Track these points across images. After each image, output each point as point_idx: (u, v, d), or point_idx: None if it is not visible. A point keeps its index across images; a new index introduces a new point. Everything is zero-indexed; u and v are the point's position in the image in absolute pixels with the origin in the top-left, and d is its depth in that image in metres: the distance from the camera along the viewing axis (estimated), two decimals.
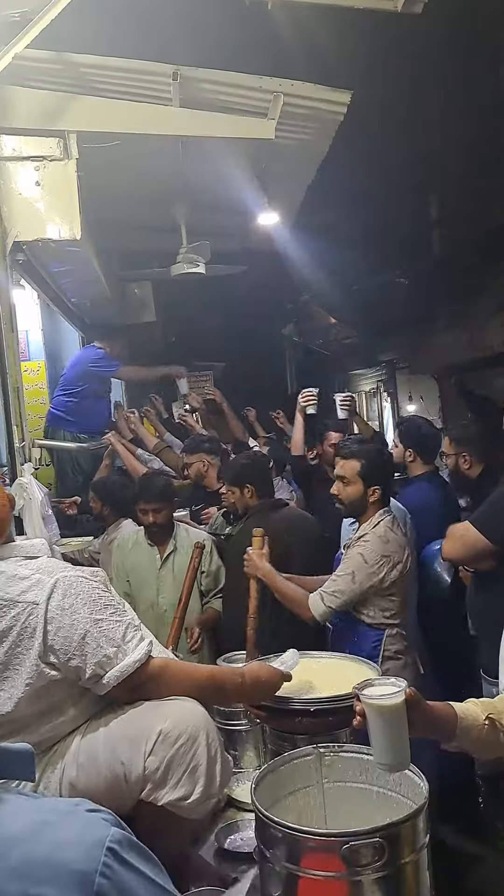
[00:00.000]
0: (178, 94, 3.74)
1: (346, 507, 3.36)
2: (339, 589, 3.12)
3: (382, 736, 1.60)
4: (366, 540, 3.19)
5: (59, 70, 3.62)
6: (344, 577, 3.13)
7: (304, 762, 1.95)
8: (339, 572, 3.17)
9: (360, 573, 3.11)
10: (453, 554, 3.14)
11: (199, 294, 7.67)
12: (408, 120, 5.24)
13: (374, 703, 1.59)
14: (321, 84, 3.96)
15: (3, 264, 3.61)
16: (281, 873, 1.65)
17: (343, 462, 3.32)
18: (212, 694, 2.14)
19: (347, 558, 3.20)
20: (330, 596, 3.12)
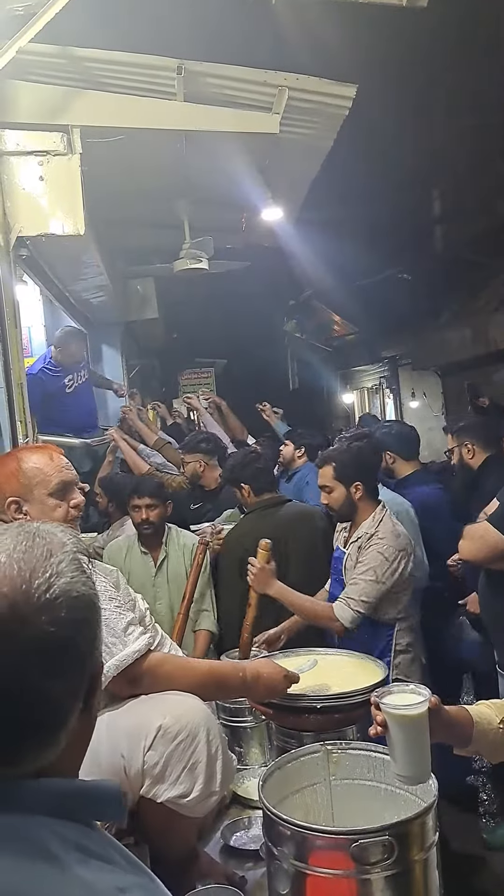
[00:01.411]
0: (183, 88, 3.72)
1: (338, 512, 3.37)
2: (365, 591, 3.09)
3: (404, 748, 1.53)
4: (380, 538, 3.17)
5: (63, 64, 3.59)
6: (367, 579, 3.10)
7: (311, 759, 1.95)
8: (360, 575, 3.13)
9: (382, 572, 3.10)
10: (472, 554, 3.12)
11: (202, 290, 7.67)
12: (411, 115, 5.21)
13: (398, 713, 1.51)
14: (326, 78, 3.94)
15: (7, 260, 3.59)
16: (289, 871, 1.64)
17: (320, 472, 3.37)
18: (212, 689, 2.11)
19: (365, 560, 3.15)
20: (357, 601, 3.08)
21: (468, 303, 8.92)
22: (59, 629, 0.85)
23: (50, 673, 0.84)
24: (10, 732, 0.83)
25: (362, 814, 1.85)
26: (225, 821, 2.35)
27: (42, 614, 0.84)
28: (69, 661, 0.87)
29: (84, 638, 0.89)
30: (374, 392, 13.91)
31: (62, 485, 2.14)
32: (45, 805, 0.84)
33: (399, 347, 11.71)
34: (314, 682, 2.34)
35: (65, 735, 0.87)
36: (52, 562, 0.89)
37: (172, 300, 7.46)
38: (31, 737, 0.85)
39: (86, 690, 0.90)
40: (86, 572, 0.92)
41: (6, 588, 0.85)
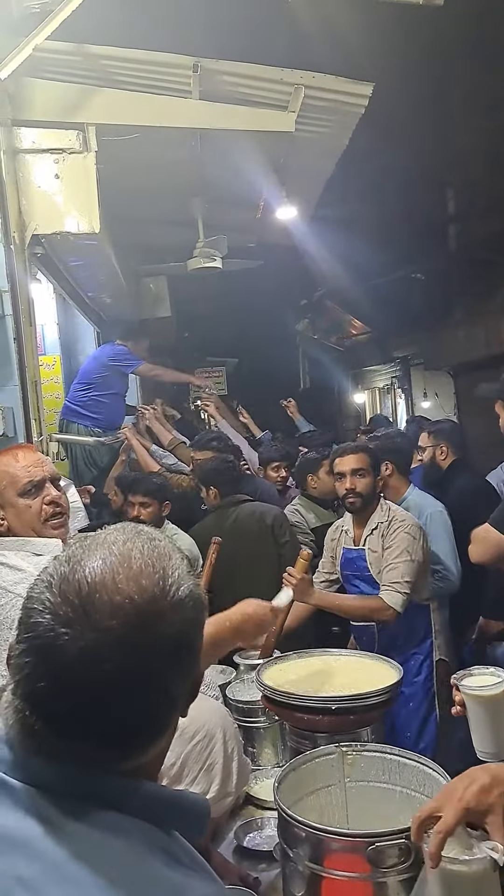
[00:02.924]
0: (198, 86, 3.72)
1: (362, 499, 3.46)
2: (405, 572, 3.23)
3: (483, 726, 1.63)
4: (401, 521, 3.38)
5: (79, 62, 3.60)
6: (404, 561, 3.25)
7: (326, 761, 1.93)
8: (395, 559, 3.26)
9: (414, 551, 3.28)
10: (478, 557, 3.12)
11: (214, 289, 7.66)
12: (427, 114, 5.20)
13: (476, 693, 1.62)
14: (342, 76, 3.93)
15: (22, 258, 3.59)
16: (304, 873, 1.63)
17: (355, 457, 3.48)
18: (209, 649, 2.05)
19: (394, 544, 3.31)
20: (402, 584, 3.21)
21: (482, 303, 8.85)
22: (187, 629, 0.87)
23: (175, 671, 0.86)
24: (134, 726, 0.84)
25: (377, 816, 1.83)
26: (238, 821, 2.34)
27: (176, 612, 0.86)
28: (190, 661, 0.88)
29: (200, 640, 0.91)
30: (385, 392, 13.85)
31: (30, 484, 2.12)
32: (140, 807, 0.85)
33: (411, 347, 11.64)
34: (329, 682, 2.33)
35: (168, 736, 0.89)
36: (174, 563, 0.90)
37: (185, 299, 7.45)
38: (147, 733, 0.86)
39: (188, 693, 0.90)
40: (194, 575, 0.93)
41: (146, 582, 0.85)
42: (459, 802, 1.33)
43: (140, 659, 0.82)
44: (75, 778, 0.84)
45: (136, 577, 0.85)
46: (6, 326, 3.51)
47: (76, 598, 0.82)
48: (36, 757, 0.84)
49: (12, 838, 0.80)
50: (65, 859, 0.77)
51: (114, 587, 0.84)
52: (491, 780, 1.38)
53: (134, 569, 0.86)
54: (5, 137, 3.50)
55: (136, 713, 0.83)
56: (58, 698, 0.81)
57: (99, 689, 0.81)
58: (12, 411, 3.53)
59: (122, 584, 0.84)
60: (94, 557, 0.87)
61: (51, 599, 0.83)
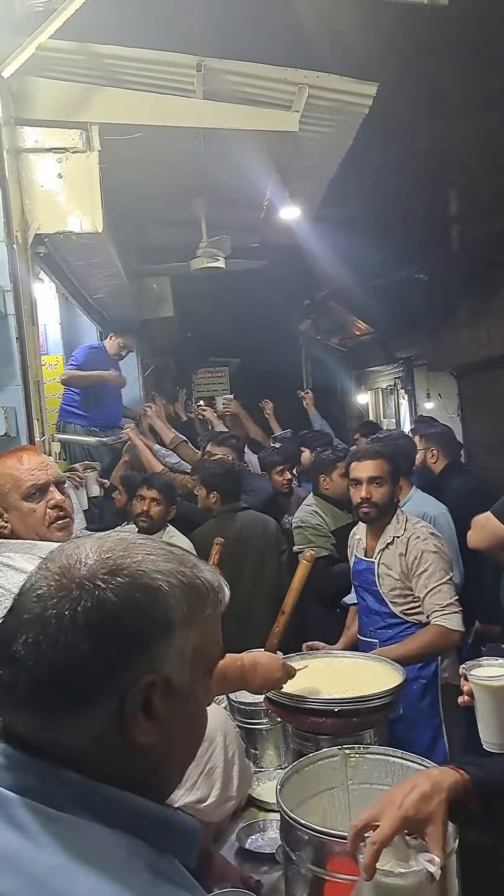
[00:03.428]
0: (202, 85, 3.71)
1: (378, 509, 3.24)
2: (451, 591, 3.09)
3: (491, 716, 1.64)
4: (423, 539, 3.16)
5: (82, 61, 3.59)
6: (444, 580, 3.09)
7: (329, 763, 1.93)
8: (436, 583, 3.08)
9: (446, 566, 3.13)
10: (476, 543, 3.13)
11: (217, 289, 7.65)
12: (431, 113, 5.18)
13: (483, 684, 1.63)
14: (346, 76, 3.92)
15: (25, 257, 3.59)
16: (306, 876, 1.63)
17: (372, 464, 3.26)
18: (217, 681, 2.07)
19: (426, 567, 3.11)
20: (453, 604, 3.06)
21: (485, 303, 8.83)
22: (118, 611, 0.85)
23: (92, 647, 0.83)
24: (41, 683, 0.83)
25: None
26: (240, 823, 2.33)
27: (110, 589, 0.86)
28: (117, 645, 0.85)
29: (144, 635, 0.87)
30: (388, 393, 13.83)
31: (34, 487, 2.11)
32: (126, 821, 0.83)
33: (414, 348, 11.63)
34: (332, 684, 2.32)
35: (93, 723, 0.84)
36: (148, 556, 0.92)
37: (188, 299, 7.44)
38: (50, 699, 0.84)
39: (120, 695, 0.85)
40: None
41: (95, 558, 0.89)
42: (398, 811, 1.30)
43: (57, 612, 0.84)
44: (52, 783, 0.83)
45: (96, 553, 0.90)
46: (9, 326, 3.49)
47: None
48: (16, 758, 0.84)
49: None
50: (45, 873, 0.75)
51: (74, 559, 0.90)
52: (431, 786, 1.34)
53: (102, 548, 0.91)
54: (8, 136, 3.49)
55: (43, 668, 0.83)
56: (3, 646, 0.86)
57: (25, 637, 0.85)
58: (14, 411, 3.52)
59: (80, 556, 0.90)
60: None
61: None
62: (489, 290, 8.58)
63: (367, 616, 3.31)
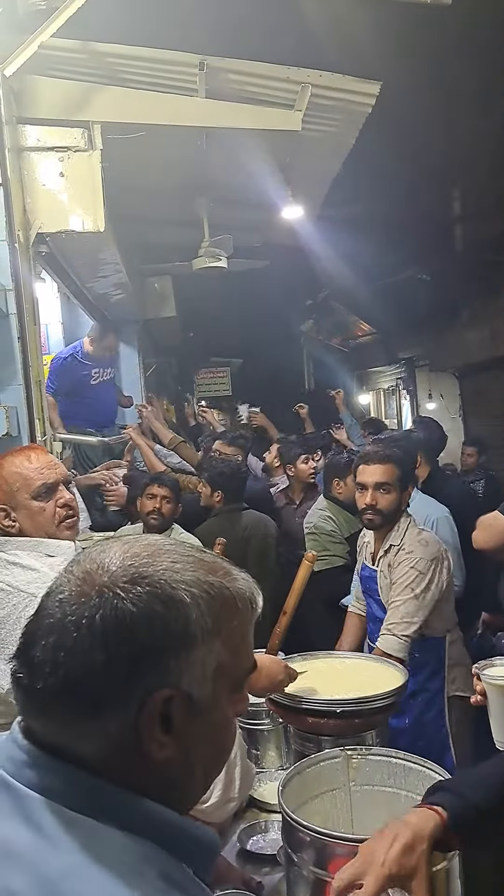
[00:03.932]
0: (205, 84, 3.70)
1: (384, 516, 3.07)
2: (408, 613, 2.87)
3: (503, 715, 1.64)
4: (408, 552, 2.99)
5: (84, 60, 3.59)
6: (405, 598, 2.89)
7: (331, 764, 1.92)
8: (397, 596, 2.92)
9: (421, 587, 2.91)
10: (483, 543, 3.09)
11: (219, 289, 7.64)
12: (433, 113, 5.17)
13: (496, 683, 1.63)
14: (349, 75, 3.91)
15: (27, 256, 3.58)
16: (308, 878, 1.61)
17: (380, 468, 3.06)
18: None
19: (399, 579, 2.95)
20: (402, 625, 2.85)
21: (487, 304, 8.84)
22: (137, 619, 0.83)
23: (109, 654, 0.82)
24: (58, 685, 0.83)
25: (382, 821, 1.80)
26: (241, 825, 2.32)
27: (130, 596, 0.84)
28: (132, 655, 0.83)
29: (160, 647, 0.84)
30: (390, 393, 13.84)
31: (44, 486, 2.10)
32: (144, 827, 0.82)
33: (416, 349, 11.65)
34: (334, 685, 2.31)
35: (108, 734, 0.83)
36: (173, 565, 0.89)
37: (190, 298, 7.44)
38: (67, 700, 0.83)
39: (136, 707, 0.83)
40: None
41: (118, 564, 0.88)
42: (381, 868, 1.27)
43: (75, 619, 0.83)
44: (72, 784, 0.82)
45: (120, 559, 0.88)
46: (10, 325, 3.49)
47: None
48: (39, 758, 0.84)
49: (7, 848, 0.78)
50: (57, 875, 0.75)
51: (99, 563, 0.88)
52: (413, 837, 1.32)
53: (127, 554, 0.89)
54: (10, 135, 3.48)
55: (61, 667, 0.82)
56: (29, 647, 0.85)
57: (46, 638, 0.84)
58: (16, 410, 3.51)
59: (104, 561, 0.88)
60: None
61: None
62: (492, 291, 8.59)
63: (373, 623, 3.18)
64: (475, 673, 1.68)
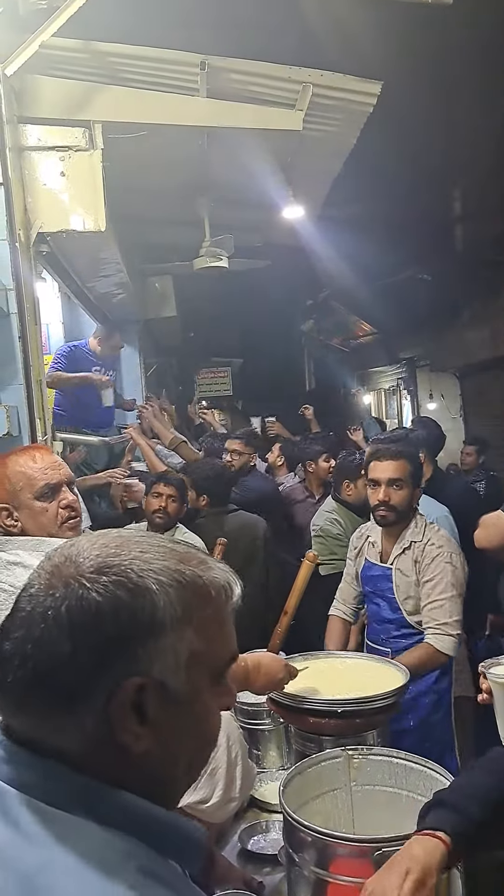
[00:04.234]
0: (206, 84, 3.70)
1: (396, 513, 3.05)
2: (453, 610, 2.91)
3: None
4: (438, 547, 3.00)
5: (86, 59, 3.58)
6: (449, 595, 2.92)
7: (332, 764, 1.92)
8: (440, 596, 2.93)
9: (458, 582, 2.95)
10: (485, 542, 3.08)
11: (219, 289, 7.65)
12: (434, 113, 5.17)
13: (502, 682, 1.63)
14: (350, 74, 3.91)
15: (27, 256, 3.58)
16: (309, 878, 1.62)
17: (394, 464, 3.05)
18: None
19: (436, 577, 2.95)
20: (452, 624, 2.90)
21: (488, 304, 8.84)
22: (102, 608, 0.83)
23: (74, 643, 0.82)
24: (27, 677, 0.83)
25: (382, 821, 1.82)
26: (242, 825, 2.32)
27: (94, 586, 0.84)
28: (98, 646, 0.83)
29: (121, 626, 0.84)
30: (391, 393, 13.84)
31: (47, 487, 2.10)
32: (125, 822, 0.82)
33: (417, 349, 11.65)
34: (335, 685, 2.31)
35: (83, 726, 0.83)
36: (142, 555, 0.89)
37: (190, 298, 7.44)
38: (37, 693, 0.83)
39: (108, 693, 0.83)
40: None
41: (89, 554, 0.88)
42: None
43: (42, 611, 0.83)
44: (50, 779, 0.82)
45: (88, 551, 0.88)
46: (11, 325, 3.49)
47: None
48: (16, 754, 0.84)
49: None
50: (32, 870, 0.74)
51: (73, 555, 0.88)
52: (423, 872, 1.35)
53: (95, 546, 0.89)
54: (11, 134, 3.48)
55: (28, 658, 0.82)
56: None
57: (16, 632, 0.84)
58: (17, 410, 3.51)
59: (72, 554, 0.88)
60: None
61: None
62: (493, 291, 8.59)
63: (380, 624, 3.14)
64: (481, 671, 1.68)
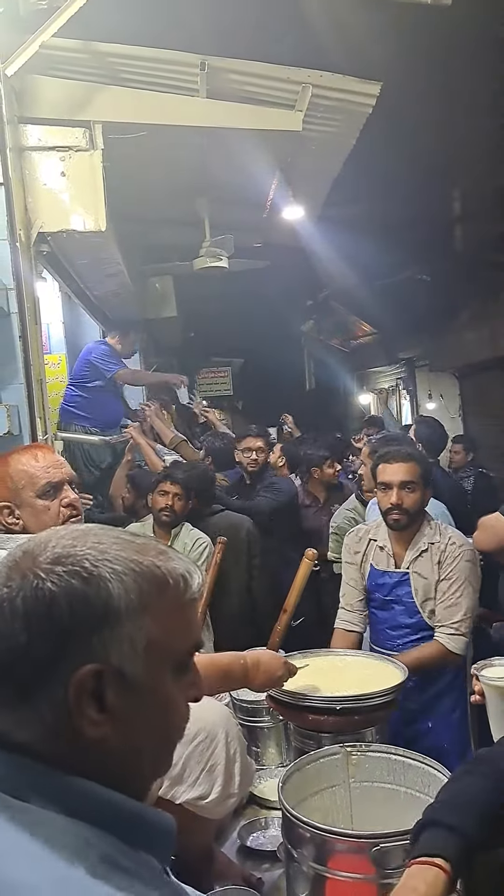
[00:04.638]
0: (206, 84, 3.71)
1: (408, 517, 2.98)
2: (469, 608, 2.89)
3: (501, 715, 1.67)
4: (458, 545, 2.95)
5: (86, 59, 3.60)
6: (465, 594, 2.89)
7: (330, 761, 1.92)
8: (456, 593, 2.89)
9: (474, 579, 2.94)
10: (485, 544, 3.09)
11: (219, 289, 7.65)
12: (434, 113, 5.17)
13: (494, 684, 1.66)
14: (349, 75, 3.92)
15: (28, 256, 3.59)
16: (308, 873, 1.62)
17: (405, 467, 2.98)
18: (216, 680, 2.02)
19: (456, 575, 2.91)
20: (464, 622, 2.87)
21: (488, 304, 8.84)
22: (56, 596, 0.84)
23: (30, 632, 0.83)
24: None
25: (381, 817, 1.82)
26: (241, 821, 2.33)
27: (50, 577, 0.86)
28: (50, 632, 0.84)
29: (75, 614, 0.85)
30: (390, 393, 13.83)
31: (49, 485, 2.11)
32: (88, 812, 0.82)
33: (416, 349, 11.64)
34: (334, 682, 2.31)
35: (44, 716, 0.84)
36: (98, 546, 0.90)
37: (191, 298, 7.44)
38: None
39: (65, 682, 0.84)
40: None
41: (47, 546, 0.90)
42: None
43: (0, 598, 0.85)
44: (12, 770, 0.83)
45: (48, 543, 0.90)
46: (12, 324, 3.50)
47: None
48: None
49: None
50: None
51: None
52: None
53: (53, 538, 0.91)
54: (11, 135, 3.49)
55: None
56: None
57: None
58: (17, 409, 3.52)
59: (33, 547, 0.90)
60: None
61: None
62: (492, 292, 8.59)
63: (393, 630, 3.03)
64: (473, 674, 1.70)
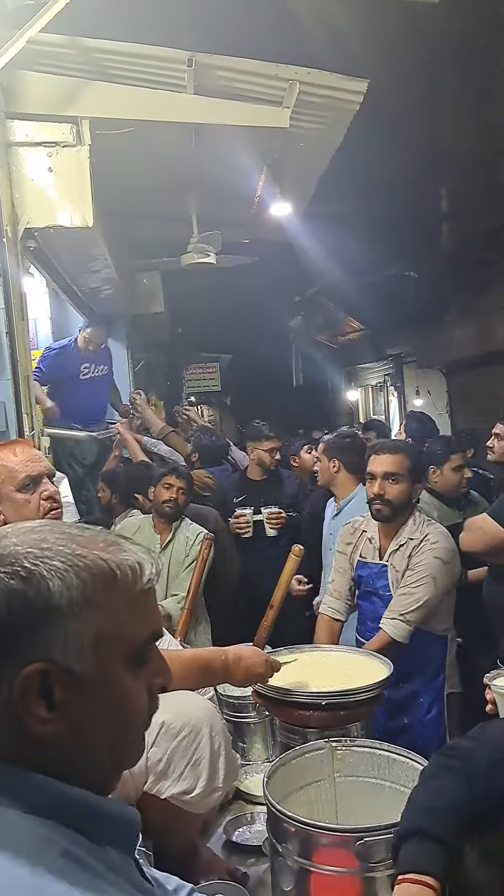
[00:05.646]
0: (193, 80, 3.70)
1: (393, 508, 3.05)
2: (420, 598, 2.90)
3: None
4: (433, 541, 3.00)
5: (73, 55, 3.57)
6: (422, 585, 2.91)
7: (316, 756, 1.94)
8: (414, 584, 2.93)
9: (441, 576, 2.95)
10: (472, 546, 3.12)
11: (208, 285, 7.65)
12: (421, 111, 5.18)
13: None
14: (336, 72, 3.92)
15: (14, 251, 3.57)
16: (293, 868, 1.64)
17: (391, 459, 3.06)
18: (196, 675, 2.01)
19: (420, 567, 2.96)
20: (413, 612, 2.89)
21: (475, 301, 8.87)
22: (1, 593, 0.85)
23: None
24: None
25: (366, 811, 1.84)
26: (227, 816, 2.35)
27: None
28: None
29: (14, 614, 0.85)
30: (378, 389, 13.86)
31: (28, 479, 2.15)
32: (51, 808, 0.83)
33: (404, 345, 11.67)
34: (320, 678, 2.33)
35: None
36: (41, 546, 0.90)
37: (178, 294, 7.44)
38: None
39: (9, 682, 0.85)
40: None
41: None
42: None
43: None
44: None
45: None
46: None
47: None
48: None
49: None
50: None
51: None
52: None
53: (6, 532, 0.93)
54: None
55: None
56: None
57: None
58: (4, 405, 3.51)
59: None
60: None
61: None
62: (479, 288, 8.62)
63: (373, 622, 3.08)
64: (486, 683, 1.73)
